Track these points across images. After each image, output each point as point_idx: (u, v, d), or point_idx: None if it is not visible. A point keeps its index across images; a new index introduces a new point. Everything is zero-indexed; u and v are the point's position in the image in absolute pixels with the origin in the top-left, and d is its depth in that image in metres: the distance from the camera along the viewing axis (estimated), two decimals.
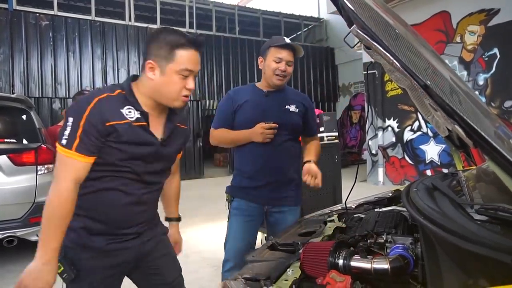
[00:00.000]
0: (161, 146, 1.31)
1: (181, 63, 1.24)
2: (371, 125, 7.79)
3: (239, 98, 1.97)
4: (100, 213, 1.27)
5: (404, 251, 1.10)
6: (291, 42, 1.91)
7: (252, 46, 11.24)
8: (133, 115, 1.23)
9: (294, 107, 1.98)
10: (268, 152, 1.92)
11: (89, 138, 1.17)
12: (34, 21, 8.25)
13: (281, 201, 1.98)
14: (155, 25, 9.80)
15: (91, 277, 1.26)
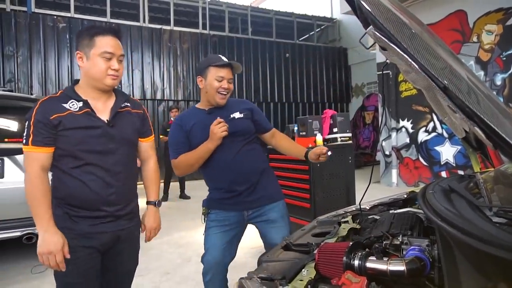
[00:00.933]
0: (108, 127, 1.52)
1: (100, 47, 1.48)
2: (385, 126, 7.71)
3: (186, 124, 1.99)
4: (74, 198, 1.48)
5: (420, 253, 1.09)
6: (230, 61, 1.99)
7: (265, 46, 11.25)
8: (76, 106, 1.48)
9: (238, 113, 2.02)
10: (232, 162, 1.94)
11: (40, 132, 1.42)
12: (52, 23, 8.43)
13: (258, 201, 1.99)
14: (168, 26, 9.90)
15: (75, 254, 1.47)
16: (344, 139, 3.25)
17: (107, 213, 1.52)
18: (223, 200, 1.98)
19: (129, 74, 9.29)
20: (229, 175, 1.95)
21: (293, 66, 11.66)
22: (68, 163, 1.48)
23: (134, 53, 9.36)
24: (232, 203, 1.97)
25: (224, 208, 1.97)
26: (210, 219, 1.99)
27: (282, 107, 11.59)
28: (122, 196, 1.57)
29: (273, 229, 1.98)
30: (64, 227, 1.48)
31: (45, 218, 1.42)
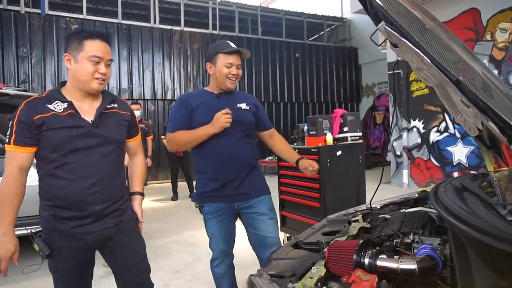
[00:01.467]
0: (93, 127, 1.54)
1: (89, 51, 1.50)
2: (396, 126, 7.63)
3: (192, 102, 2.04)
4: (59, 199, 1.50)
5: (432, 251, 1.08)
6: (238, 48, 2.05)
7: (275, 46, 11.24)
8: (60, 107, 1.50)
9: (245, 105, 2.09)
10: (227, 149, 1.99)
11: (22, 132, 1.45)
12: (65, 25, 8.57)
13: (248, 195, 2.05)
14: (178, 27, 9.97)
15: (63, 255, 1.53)
16: (355, 138, 3.22)
17: (92, 212, 1.54)
18: (213, 193, 2.02)
19: (140, 75, 9.38)
20: (219, 161, 1.99)
21: (303, 66, 11.63)
22: (51, 163, 1.50)
23: (145, 54, 9.45)
24: (221, 195, 2.02)
25: (214, 200, 2.03)
26: (205, 212, 2.06)
27: (292, 107, 11.57)
28: (107, 195, 1.58)
29: (263, 221, 2.04)
30: (51, 229, 1.52)
31: (7, 220, 1.44)
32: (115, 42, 9.08)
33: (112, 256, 1.66)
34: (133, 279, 1.68)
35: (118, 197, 1.65)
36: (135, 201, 1.78)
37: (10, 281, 3.09)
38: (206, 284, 2.81)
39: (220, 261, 2.08)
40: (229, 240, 2.08)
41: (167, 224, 4.94)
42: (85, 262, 1.62)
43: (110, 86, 8.97)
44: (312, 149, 3.15)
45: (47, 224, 1.53)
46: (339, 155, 3.10)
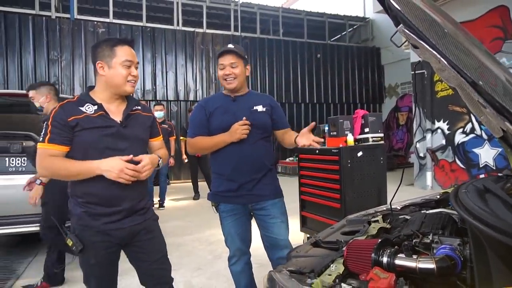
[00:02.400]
0: (121, 127, 1.65)
1: (121, 56, 1.62)
2: (419, 127, 7.48)
3: (210, 106, 2.10)
4: (91, 196, 1.60)
5: (451, 251, 1.08)
6: (230, 47, 2.05)
7: (296, 47, 11.24)
8: (91, 109, 1.62)
9: (261, 107, 2.10)
10: (243, 151, 2.02)
11: (57, 132, 1.55)
12: (92, 28, 8.87)
13: (261, 197, 2.07)
14: (201, 29, 10.13)
15: (95, 250, 1.62)
16: (376, 139, 3.20)
17: (122, 208, 1.64)
18: (228, 193, 2.06)
19: (163, 76, 9.60)
20: (235, 162, 2.03)
21: (325, 67, 11.56)
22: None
23: (168, 56, 9.65)
24: (235, 196, 2.06)
25: (229, 201, 2.07)
26: (221, 211, 2.10)
27: (313, 108, 11.52)
28: (135, 192, 1.68)
29: (275, 224, 2.07)
30: (83, 225, 1.62)
31: (86, 164, 1.54)
32: (140, 45, 9.32)
33: (136, 252, 1.74)
34: (155, 274, 1.76)
35: (143, 195, 1.75)
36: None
37: (24, 276, 3.23)
38: (226, 282, 2.87)
39: (237, 259, 2.13)
40: (245, 239, 2.13)
41: (188, 222, 5.04)
42: (114, 257, 1.71)
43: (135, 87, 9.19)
44: (332, 150, 3.16)
45: (79, 221, 1.62)
46: (360, 156, 3.09)
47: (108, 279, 1.72)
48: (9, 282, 3.07)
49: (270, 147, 2.16)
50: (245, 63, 2.09)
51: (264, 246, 2.14)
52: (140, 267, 1.77)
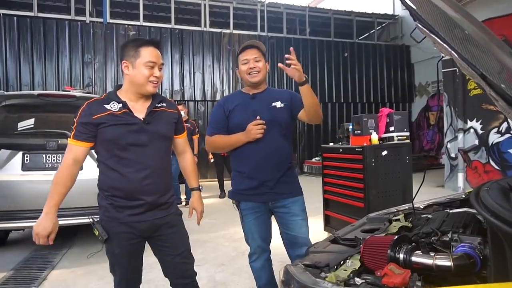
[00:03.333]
0: (144, 124, 1.70)
1: (145, 57, 1.67)
2: (450, 126, 7.22)
3: (229, 104, 2.11)
4: (116, 189, 1.69)
5: (470, 250, 1.07)
6: (249, 42, 2.07)
7: (323, 46, 11.14)
8: (116, 107, 1.68)
9: (279, 103, 2.07)
10: (262, 149, 2.01)
11: (81, 129, 1.65)
12: (124, 31, 9.20)
13: (282, 195, 2.07)
14: (228, 30, 10.25)
15: (119, 240, 1.70)
16: (401, 138, 3.14)
17: (145, 202, 1.70)
18: (248, 191, 2.08)
19: (191, 77, 9.80)
20: (253, 161, 2.04)
21: (352, 66, 11.40)
22: (110, 158, 1.68)
23: (196, 57, 9.84)
24: (255, 194, 2.07)
25: (250, 199, 2.09)
26: (242, 208, 2.12)
27: (341, 107, 11.38)
28: (158, 186, 1.74)
29: (295, 222, 2.07)
30: (109, 216, 1.70)
31: (52, 202, 1.61)
32: (168, 46, 9.56)
33: (159, 245, 1.80)
34: (177, 267, 1.82)
35: (166, 190, 1.80)
36: (194, 196, 1.95)
37: (75, 265, 3.43)
38: (248, 278, 2.91)
39: (258, 256, 2.15)
40: (266, 236, 2.14)
41: (214, 220, 5.14)
42: (137, 248, 1.78)
43: (163, 88, 9.47)
44: (356, 149, 3.13)
45: (106, 212, 1.71)
46: (385, 155, 3.05)
47: (132, 270, 1.80)
48: (45, 271, 3.26)
49: (289, 145, 2.15)
50: (265, 60, 2.11)
51: (284, 243, 2.15)
52: (164, 260, 1.83)
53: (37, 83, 8.48)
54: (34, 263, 3.48)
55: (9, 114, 3.65)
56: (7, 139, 3.46)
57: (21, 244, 4.08)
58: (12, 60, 8.40)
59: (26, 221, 3.32)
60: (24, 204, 3.27)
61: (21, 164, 3.40)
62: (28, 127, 3.60)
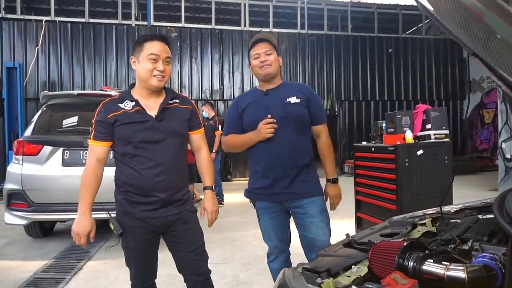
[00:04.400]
0: (156, 121, 1.72)
1: (147, 50, 1.68)
2: (505, 124, 6.62)
3: (243, 103, 2.05)
4: (130, 185, 1.72)
5: (491, 261, 0.94)
6: (259, 35, 2.01)
7: (366, 43, 10.75)
8: (129, 105, 1.71)
9: (295, 98, 1.98)
10: (275, 147, 1.93)
11: (99, 129, 1.69)
12: (166, 33, 9.51)
13: (297, 195, 1.96)
14: (267, 28, 10.22)
15: (133, 234, 1.73)
16: (440, 136, 2.90)
17: (158, 198, 1.71)
18: (263, 191, 2.01)
19: (230, 76, 9.90)
20: (267, 159, 1.97)
21: (397, 62, 10.88)
22: (125, 155, 1.71)
23: (235, 56, 9.93)
24: (269, 194, 1.99)
25: (264, 199, 2.02)
26: (258, 207, 2.06)
27: (384, 106, 10.90)
28: (172, 183, 1.74)
29: (312, 224, 1.97)
30: (123, 211, 1.73)
31: (85, 202, 1.67)
32: (208, 47, 9.74)
33: (172, 241, 1.81)
34: (190, 263, 1.82)
35: (180, 187, 1.80)
36: (206, 196, 1.92)
37: (110, 257, 3.59)
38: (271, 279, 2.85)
39: (275, 256, 2.09)
40: (282, 237, 2.06)
41: (246, 218, 5.13)
42: (151, 243, 1.80)
43: (204, 88, 9.68)
44: (388, 148, 2.95)
45: (120, 207, 1.75)
46: (420, 154, 2.84)
47: (146, 264, 1.82)
48: (81, 262, 3.44)
49: (307, 141, 2.05)
50: (277, 53, 2.03)
51: (302, 245, 2.06)
52: (177, 256, 1.84)
53: (87, 84, 9.03)
54: (73, 253, 3.69)
55: (53, 113, 3.91)
56: (50, 137, 3.69)
57: (65, 234, 4.34)
58: (66, 64, 9.03)
59: (65, 213, 3.54)
60: (64, 197, 3.47)
61: (61, 159, 3.62)
62: (72, 125, 3.82)
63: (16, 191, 3.53)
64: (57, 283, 2.97)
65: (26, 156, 3.56)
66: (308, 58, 10.40)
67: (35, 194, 3.53)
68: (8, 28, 8.76)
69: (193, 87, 9.67)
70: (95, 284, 2.97)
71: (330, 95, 10.68)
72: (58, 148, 3.62)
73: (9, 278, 3.08)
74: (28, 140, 3.63)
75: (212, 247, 3.83)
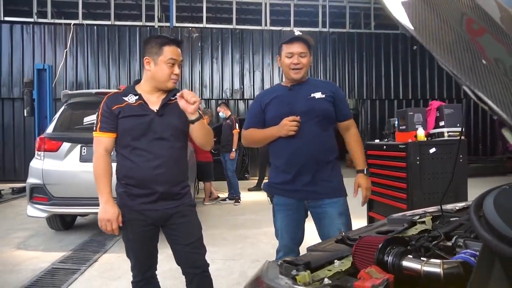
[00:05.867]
0: (157, 115, 1.77)
1: (167, 55, 1.74)
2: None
3: (266, 98, 2.04)
4: (129, 178, 1.77)
5: (471, 257, 0.91)
6: (299, 34, 1.91)
7: (389, 40, 10.51)
8: (133, 99, 1.79)
9: (319, 93, 1.94)
10: (295, 143, 1.90)
11: (105, 120, 1.75)
12: (188, 34, 9.68)
13: (317, 194, 1.91)
14: (288, 27, 10.18)
15: (131, 227, 1.79)
16: (453, 134, 2.80)
17: (156, 191, 1.75)
18: (283, 186, 1.98)
19: (251, 76, 9.95)
20: (288, 154, 1.94)
21: (422, 59, 10.56)
22: (125, 148, 1.77)
23: (256, 56, 9.97)
24: (289, 190, 1.96)
25: (284, 194, 1.98)
26: (275, 203, 2.03)
27: (408, 105, 10.60)
28: (170, 177, 1.79)
29: (331, 225, 1.91)
30: (123, 204, 1.79)
31: (106, 191, 1.73)
32: (229, 46, 9.83)
33: (170, 234, 1.86)
34: (188, 256, 1.85)
35: (179, 181, 1.84)
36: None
37: (110, 251, 3.71)
38: None
39: (283, 254, 2.05)
40: (295, 237, 2.02)
41: (261, 216, 5.13)
42: (150, 235, 1.84)
43: (224, 87, 9.78)
44: (399, 146, 2.87)
45: (121, 200, 1.80)
46: (433, 152, 2.74)
47: (145, 255, 1.87)
48: (97, 254, 3.56)
49: (331, 138, 1.99)
50: (310, 54, 1.99)
51: None
52: (175, 249, 1.88)
53: (112, 84, 9.33)
54: (90, 246, 3.82)
55: (73, 111, 4.07)
56: (69, 133, 3.85)
57: (85, 228, 4.51)
58: (92, 65, 9.37)
59: (82, 207, 3.68)
60: (81, 192, 3.61)
61: (79, 155, 3.76)
62: (90, 122, 3.97)
63: (38, 185, 3.71)
64: (72, 273, 3.09)
65: (47, 152, 3.73)
66: (330, 57, 10.28)
67: (54, 188, 3.69)
68: (39, 31, 9.20)
69: (213, 87, 9.79)
70: (108, 275, 3.07)
71: (352, 94, 10.52)
72: (76, 145, 3.77)
73: (29, 267, 3.24)
74: (49, 137, 3.80)
75: (224, 244, 3.88)
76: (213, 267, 2.03)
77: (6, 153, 9.11)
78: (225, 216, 5.19)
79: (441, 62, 0.64)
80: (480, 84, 0.63)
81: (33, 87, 7.32)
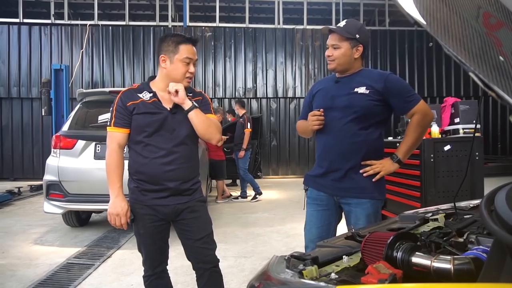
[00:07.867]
0: (171, 113, 1.80)
1: (183, 53, 1.76)
2: None
3: (315, 89, 2.05)
4: (141, 174, 1.79)
5: (481, 253, 0.89)
6: (329, 26, 1.91)
7: (404, 37, 10.33)
8: (147, 96, 1.80)
9: (364, 88, 1.86)
10: (328, 137, 1.89)
11: (119, 116, 1.77)
12: (201, 33, 9.73)
13: (346, 192, 1.87)
14: (301, 26, 10.13)
15: (143, 222, 1.82)
16: (469, 131, 2.73)
17: (168, 187, 1.78)
18: (315, 179, 1.98)
19: (263, 74, 9.93)
20: (321, 148, 1.96)
21: (438, 57, 10.34)
22: (138, 144, 1.79)
23: (268, 54, 9.94)
24: (321, 183, 1.95)
25: (315, 187, 1.98)
26: (308, 195, 2.03)
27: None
28: (181, 173, 1.81)
29: (356, 226, 1.83)
30: (135, 198, 1.82)
31: (117, 186, 1.76)
32: (242, 45, 9.83)
33: (181, 229, 1.88)
34: (198, 251, 1.87)
35: (190, 177, 1.86)
36: None
37: (124, 247, 3.77)
38: None
39: (311, 249, 1.91)
40: (322, 233, 1.93)
41: (274, 215, 5.14)
42: (161, 230, 1.86)
43: (237, 86, 9.79)
44: None
45: (132, 194, 1.83)
46: (448, 150, 2.68)
47: (156, 250, 1.89)
48: (111, 250, 3.62)
49: (370, 136, 1.87)
50: (353, 44, 1.88)
51: None
52: (185, 244, 1.89)
53: (127, 83, 9.45)
54: (104, 242, 3.89)
55: (88, 109, 4.15)
56: (83, 131, 3.93)
57: (99, 225, 4.60)
58: (108, 64, 9.52)
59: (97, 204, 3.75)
60: (95, 189, 3.68)
61: (93, 153, 3.83)
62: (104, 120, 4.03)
63: (54, 182, 3.79)
64: (86, 268, 3.15)
65: (62, 150, 3.81)
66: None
67: (70, 185, 3.77)
68: (56, 32, 9.41)
69: (226, 86, 9.81)
70: (121, 271, 3.12)
71: None
72: (91, 142, 3.84)
73: (46, 262, 3.32)
74: (65, 135, 3.88)
75: (236, 241, 3.88)
76: (224, 264, 2.05)
77: (25, 151, 9.35)
78: (237, 214, 5.20)
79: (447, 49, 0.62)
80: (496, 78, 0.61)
81: (50, 87, 7.48)
